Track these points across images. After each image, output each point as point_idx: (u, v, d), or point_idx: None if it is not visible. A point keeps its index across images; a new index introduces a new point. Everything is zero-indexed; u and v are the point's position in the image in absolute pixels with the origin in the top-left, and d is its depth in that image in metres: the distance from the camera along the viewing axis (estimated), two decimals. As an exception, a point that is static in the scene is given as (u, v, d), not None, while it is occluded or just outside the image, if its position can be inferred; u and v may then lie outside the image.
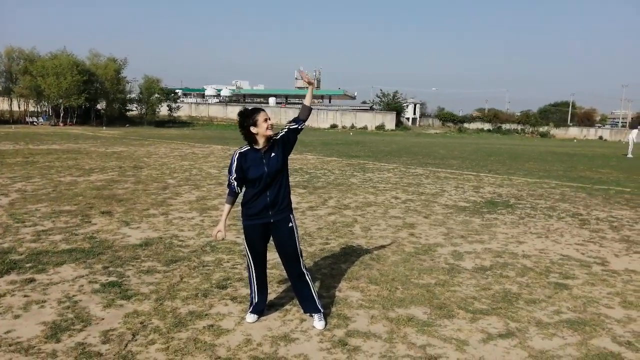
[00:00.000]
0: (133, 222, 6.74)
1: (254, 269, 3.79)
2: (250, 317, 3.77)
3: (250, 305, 3.85)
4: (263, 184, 3.57)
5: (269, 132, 3.56)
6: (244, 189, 3.70)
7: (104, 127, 42.46)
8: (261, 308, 3.85)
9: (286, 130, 3.73)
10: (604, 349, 3.53)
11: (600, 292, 4.70)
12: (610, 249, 6.30)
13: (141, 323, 3.61)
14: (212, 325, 3.64)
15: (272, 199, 3.61)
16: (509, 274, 5.13)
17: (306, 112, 3.77)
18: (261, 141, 3.59)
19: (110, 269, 4.79)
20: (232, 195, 3.71)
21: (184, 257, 5.27)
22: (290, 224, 3.70)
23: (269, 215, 3.63)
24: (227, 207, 3.76)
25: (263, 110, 3.62)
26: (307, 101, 3.79)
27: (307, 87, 3.81)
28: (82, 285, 4.32)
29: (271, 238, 3.79)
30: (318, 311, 3.75)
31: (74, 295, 4.09)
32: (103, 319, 3.67)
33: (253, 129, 3.55)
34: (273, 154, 3.60)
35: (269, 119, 3.57)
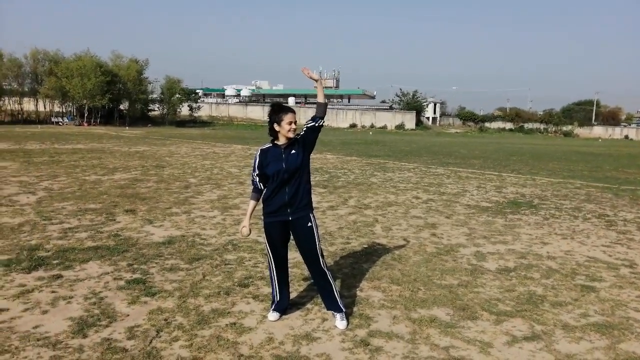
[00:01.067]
0: (156, 221, 6.83)
1: (275, 268, 3.82)
2: (272, 316, 3.78)
3: (272, 303, 3.87)
4: (280, 180, 3.58)
5: (290, 135, 3.60)
6: None
7: (127, 127, 43.14)
8: (283, 306, 3.86)
9: (305, 129, 3.73)
10: (633, 354, 3.44)
11: (628, 295, 4.59)
12: (639, 251, 6.14)
13: (165, 320, 3.66)
14: (234, 323, 3.66)
15: (291, 196, 3.61)
16: (533, 276, 5.05)
17: (321, 108, 3.76)
18: (282, 139, 3.63)
19: (135, 266, 4.86)
20: (257, 192, 3.75)
21: (206, 255, 5.32)
22: (310, 224, 3.69)
23: (287, 213, 3.64)
24: (252, 203, 3.79)
25: (292, 112, 3.64)
26: (319, 98, 3.78)
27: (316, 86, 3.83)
28: (108, 282, 4.39)
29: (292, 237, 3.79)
30: (340, 310, 3.74)
31: (99, 292, 4.16)
32: (128, 315, 3.73)
33: (276, 127, 3.60)
34: (293, 151, 3.62)
35: (295, 123, 3.60)
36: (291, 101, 68.88)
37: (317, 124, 3.72)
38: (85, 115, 46.79)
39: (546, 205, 9.20)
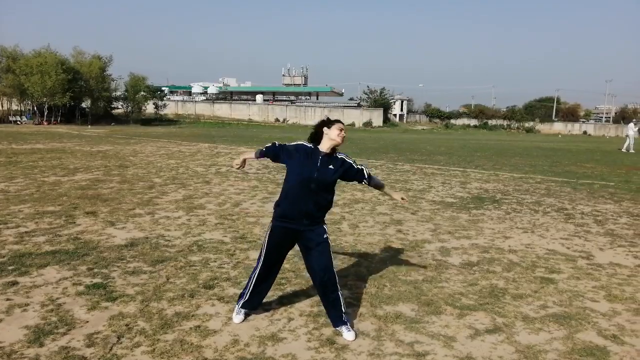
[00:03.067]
0: (118, 222, 6.67)
1: (260, 273, 3.65)
2: (237, 318, 3.71)
3: (238, 300, 3.73)
4: (307, 189, 3.47)
5: (337, 139, 3.55)
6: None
7: (89, 126, 41.96)
8: (253, 306, 3.76)
9: (356, 166, 3.72)
10: (589, 343, 3.57)
11: (585, 286, 4.75)
12: (595, 243, 6.37)
13: (126, 325, 3.57)
14: (198, 326, 3.60)
15: (313, 208, 3.52)
16: (495, 269, 5.17)
17: (378, 183, 3.92)
18: (325, 145, 3.57)
19: (95, 270, 4.73)
20: (263, 154, 3.73)
21: (170, 257, 5.22)
22: (326, 235, 3.61)
23: (304, 224, 3.54)
24: (253, 153, 3.83)
25: (342, 124, 3.67)
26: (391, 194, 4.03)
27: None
28: (66, 288, 4.26)
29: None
30: (346, 323, 3.58)
31: (57, 298, 4.03)
32: (87, 321, 3.62)
33: (325, 129, 3.59)
34: (330, 166, 3.56)
35: (345, 132, 3.63)
36: (259, 98, 68.42)
37: (362, 180, 3.79)
38: (45, 113, 45.20)
39: (508, 200, 9.43)
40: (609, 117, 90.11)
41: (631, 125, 30.03)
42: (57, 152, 16.81)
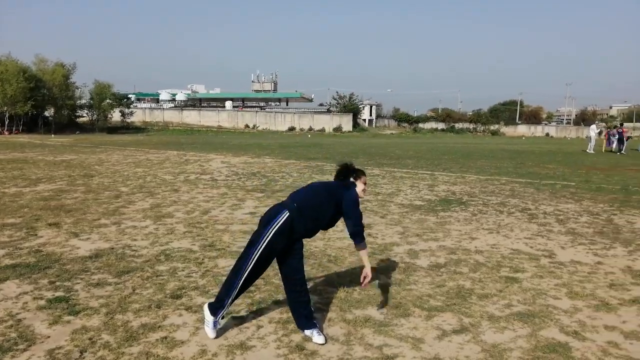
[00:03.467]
0: (83, 233, 6.50)
1: (247, 278, 3.56)
2: (213, 333, 3.55)
3: (217, 311, 3.55)
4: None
5: (363, 195, 3.85)
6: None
7: (53, 135, 40.82)
8: (227, 312, 3.77)
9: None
10: (552, 340, 3.66)
11: (548, 284, 4.89)
12: (557, 242, 6.56)
13: (90, 339, 3.48)
14: (165, 337, 3.54)
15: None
16: (462, 270, 5.26)
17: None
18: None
19: (57, 283, 4.59)
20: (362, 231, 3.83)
21: (136, 267, 5.12)
22: (301, 244, 3.69)
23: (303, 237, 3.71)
24: (367, 251, 3.92)
25: (366, 175, 3.95)
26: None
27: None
28: (27, 302, 4.12)
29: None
30: (316, 326, 3.61)
31: (17, 313, 3.89)
32: (49, 337, 3.51)
33: (356, 181, 3.84)
34: None
35: (367, 187, 3.88)
36: (228, 105, 67.89)
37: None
38: (6, 123, 43.77)
39: (475, 201, 9.62)
40: (570, 119, 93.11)
41: (593, 127, 31.25)
42: (19, 162, 16.29)
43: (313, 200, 3.65)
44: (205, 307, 3.61)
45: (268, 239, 3.51)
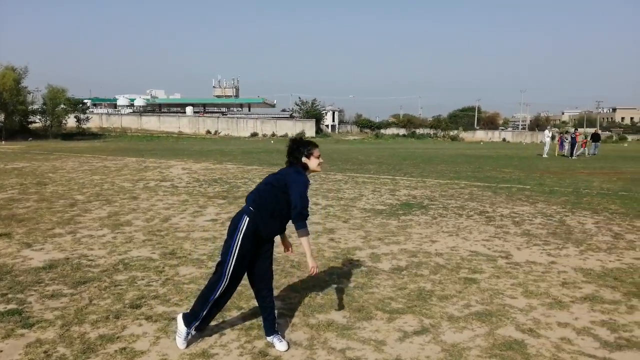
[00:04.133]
0: (36, 244, 6.26)
1: (225, 289, 3.50)
2: (183, 344, 3.47)
3: (191, 323, 3.48)
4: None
5: (318, 169, 3.68)
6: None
7: (3, 142, 39.12)
8: (203, 327, 3.67)
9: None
10: (509, 337, 3.79)
11: (504, 284, 5.05)
12: (513, 243, 6.78)
13: (45, 352, 3.35)
14: (124, 348, 3.45)
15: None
16: (423, 273, 5.36)
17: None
18: (308, 174, 3.65)
19: (10, 295, 4.41)
20: (305, 218, 3.65)
21: (93, 277, 4.97)
22: (271, 245, 3.67)
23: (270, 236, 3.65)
24: (309, 238, 3.68)
25: (318, 147, 3.68)
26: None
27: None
28: (-24, 316, 3.94)
29: None
30: (278, 332, 3.60)
31: (-35, 328, 3.71)
32: (1, 351, 3.37)
33: (305, 160, 3.59)
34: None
35: (322, 159, 3.69)
36: (189, 110, 66.88)
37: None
38: (-49, 129, 41.72)
39: (435, 205, 9.83)
40: (525, 125, 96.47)
41: (546, 132, 32.54)
42: (-34, 170, 15.52)
43: (267, 196, 3.56)
44: (179, 317, 3.53)
45: (237, 248, 3.46)
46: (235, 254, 3.45)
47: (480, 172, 17.91)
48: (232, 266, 3.46)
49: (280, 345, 3.51)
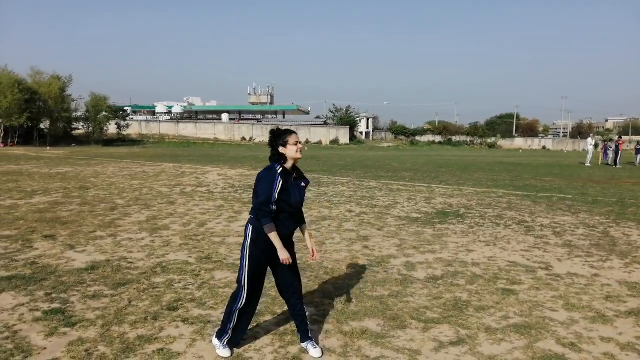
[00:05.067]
0: (78, 245, 6.48)
1: (246, 299, 3.47)
2: (225, 352, 3.48)
3: (221, 337, 3.49)
4: (290, 212, 3.46)
5: (297, 155, 3.44)
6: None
7: (48, 147, 40.76)
8: (237, 341, 3.58)
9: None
10: (548, 351, 3.67)
11: (544, 296, 4.90)
12: (554, 254, 6.58)
13: (86, 350, 3.46)
14: (161, 349, 3.52)
15: (294, 228, 3.56)
16: (459, 282, 5.26)
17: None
18: (289, 164, 3.46)
19: (53, 295, 4.57)
20: (271, 218, 3.35)
21: (132, 279, 5.10)
22: (294, 249, 3.63)
23: (290, 240, 3.57)
24: (275, 232, 3.36)
25: (294, 132, 3.50)
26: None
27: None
28: (23, 314, 4.10)
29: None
30: (312, 338, 3.59)
31: (13, 325, 3.87)
32: (45, 348, 3.49)
33: (282, 149, 3.43)
34: (302, 184, 3.54)
35: (300, 143, 3.48)
36: (224, 117, 68.10)
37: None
38: (1, 135, 43.76)
39: (471, 214, 9.65)
40: (566, 132, 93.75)
41: (589, 140, 31.59)
42: (14, 174, 16.25)
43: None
44: (214, 334, 3.60)
45: (247, 257, 3.46)
46: (247, 263, 3.45)
47: (518, 180, 17.49)
48: (246, 275, 3.45)
49: (314, 351, 3.50)
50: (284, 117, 77.10)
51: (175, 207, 9.77)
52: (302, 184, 3.55)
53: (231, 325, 3.49)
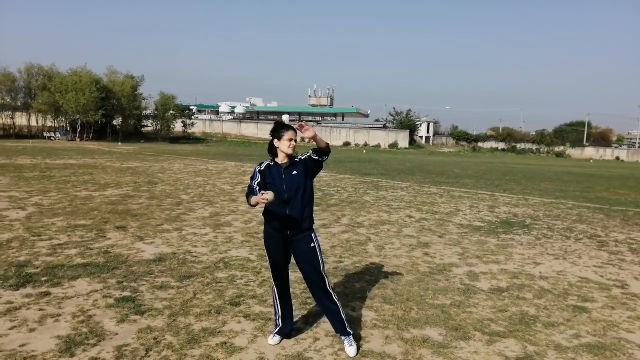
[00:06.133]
0: (147, 237, 6.78)
1: (276, 287, 3.72)
2: (273, 339, 3.66)
3: (275, 327, 3.76)
4: (280, 200, 3.46)
5: (289, 151, 3.52)
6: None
7: (120, 143, 43.06)
8: (287, 331, 3.74)
9: (308, 154, 3.61)
10: (626, 375, 3.43)
11: (620, 316, 4.59)
12: (630, 272, 6.16)
13: (154, 339, 3.60)
14: (225, 343, 3.61)
15: (292, 217, 3.51)
16: (525, 296, 5.04)
17: (324, 148, 3.56)
18: (281, 156, 3.57)
19: (124, 283, 4.80)
20: (249, 199, 3.50)
21: (197, 273, 5.27)
22: (313, 244, 3.62)
23: (287, 235, 3.56)
24: (252, 197, 3.47)
25: (293, 130, 3.56)
26: (322, 144, 3.56)
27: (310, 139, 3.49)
28: (97, 300, 4.33)
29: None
30: (347, 334, 3.60)
31: (88, 310, 4.10)
32: (117, 333, 3.67)
33: (276, 142, 3.55)
34: (294, 172, 3.55)
35: (295, 140, 3.54)
36: (285, 118, 68.86)
37: (320, 159, 3.60)
38: (78, 130, 46.68)
39: (538, 225, 9.23)
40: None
41: None
42: (89, 167, 17.28)
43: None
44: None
45: (266, 252, 3.74)
46: (267, 257, 3.73)
47: (590, 192, 16.56)
48: (270, 268, 3.72)
49: (349, 349, 3.53)
50: (343, 120, 77.20)
51: (237, 204, 10.00)
52: (294, 172, 3.54)
53: (279, 317, 3.72)
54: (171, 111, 54.65)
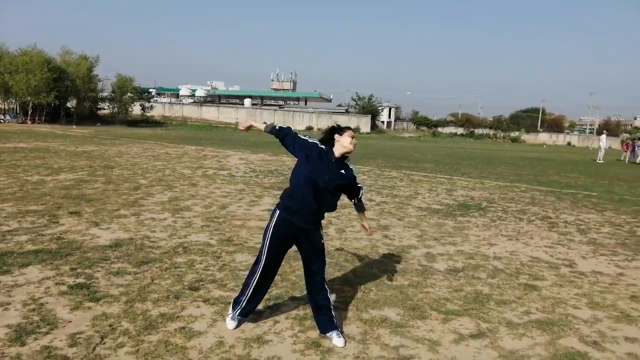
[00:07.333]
0: (103, 223, 6.60)
1: (260, 274, 3.58)
2: (231, 324, 3.63)
3: (233, 308, 3.66)
4: (314, 188, 3.41)
5: (349, 147, 3.52)
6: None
7: (74, 126, 41.47)
8: (246, 313, 3.70)
9: (357, 183, 3.72)
10: (571, 349, 3.61)
11: (567, 293, 4.82)
12: (578, 251, 6.46)
13: (110, 326, 3.53)
14: (183, 328, 3.57)
15: (317, 208, 3.47)
16: (480, 276, 5.21)
17: (362, 207, 3.85)
18: (338, 151, 3.54)
19: (79, 270, 4.67)
20: (275, 132, 3.70)
21: (155, 258, 5.18)
22: (323, 241, 3.63)
23: (309, 223, 3.51)
24: (264, 126, 3.76)
25: (354, 131, 3.66)
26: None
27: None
28: (49, 287, 4.20)
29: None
30: (335, 328, 3.59)
31: (39, 298, 3.97)
32: (70, 321, 3.57)
33: (337, 137, 3.55)
34: (342, 171, 3.54)
35: (355, 139, 3.59)
36: (247, 102, 68.25)
37: (353, 200, 3.80)
38: (29, 112, 44.64)
39: (494, 207, 9.53)
40: (593, 129, 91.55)
41: (602, 137, 31.08)
42: (41, 151, 16.59)
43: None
44: (232, 301, 3.75)
45: (269, 236, 3.55)
46: (268, 242, 3.54)
47: (543, 176, 17.19)
48: (265, 253, 3.55)
49: (338, 340, 3.50)
50: (306, 104, 76.90)
51: (197, 189, 9.86)
52: (342, 171, 3.54)
53: (245, 299, 3.61)
54: (129, 94, 52.93)
